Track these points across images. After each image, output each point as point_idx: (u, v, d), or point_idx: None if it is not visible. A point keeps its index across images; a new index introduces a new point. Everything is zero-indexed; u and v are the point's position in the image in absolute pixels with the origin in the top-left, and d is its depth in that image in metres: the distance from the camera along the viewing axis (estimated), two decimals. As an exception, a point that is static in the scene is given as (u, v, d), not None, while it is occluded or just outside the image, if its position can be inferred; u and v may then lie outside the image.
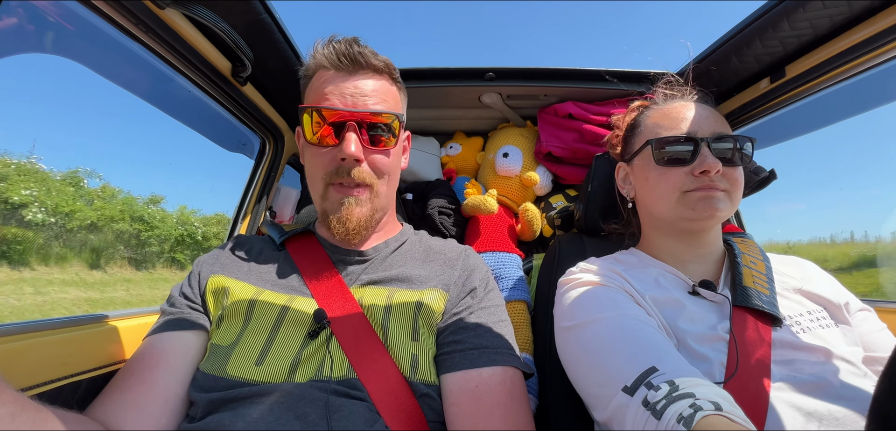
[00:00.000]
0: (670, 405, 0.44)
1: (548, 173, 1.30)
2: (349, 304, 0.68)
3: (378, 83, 0.75)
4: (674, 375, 0.49)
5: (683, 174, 0.69)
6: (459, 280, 0.75)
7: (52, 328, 0.66)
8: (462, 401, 0.62)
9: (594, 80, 1.15)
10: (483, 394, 0.62)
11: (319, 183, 0.74)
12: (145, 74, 0.89)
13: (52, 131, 45.05)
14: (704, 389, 0.46)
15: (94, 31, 0.73)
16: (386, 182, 0.76)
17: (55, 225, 14.16)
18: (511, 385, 0.64)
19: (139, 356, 0.65)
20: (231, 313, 0.67)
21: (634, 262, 0.76)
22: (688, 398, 0.44)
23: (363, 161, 0.72)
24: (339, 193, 0.72)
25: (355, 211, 0.72)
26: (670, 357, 0.53)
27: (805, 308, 0.66)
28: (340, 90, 0.72)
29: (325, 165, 0.72)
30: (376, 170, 0.74)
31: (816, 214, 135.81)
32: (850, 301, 0.69)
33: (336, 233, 0.73)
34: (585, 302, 0.66)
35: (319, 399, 0.58)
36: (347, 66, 0.73)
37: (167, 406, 0.61)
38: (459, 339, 0.67)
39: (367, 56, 0.74)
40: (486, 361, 0.64)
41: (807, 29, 0.78)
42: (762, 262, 0.72)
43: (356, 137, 0.70)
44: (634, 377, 0.51)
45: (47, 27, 0.72)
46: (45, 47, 0.74)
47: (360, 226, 0.73)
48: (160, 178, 56.63)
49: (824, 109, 0.99)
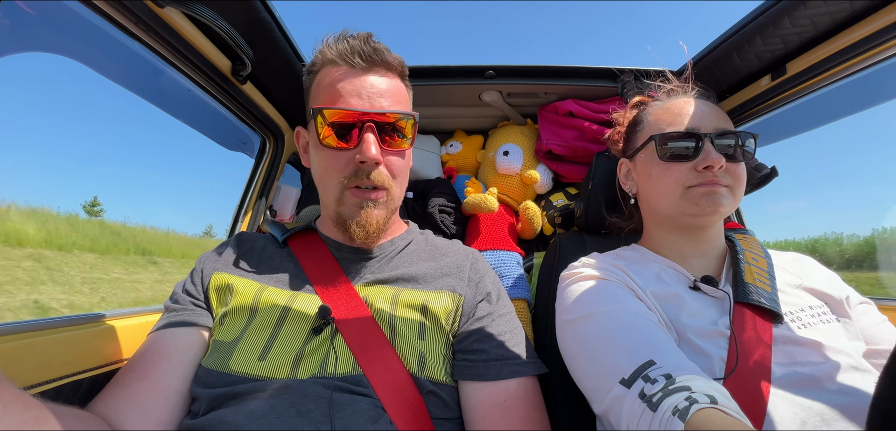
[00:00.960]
0: (666, 397, 0.45)
1: (548, 171, 1.30)
2: (354, 301, 0.68)
3: (392, 82, 0.73)
4: (671, 369, 0.49)
5: (686, 170, 0.69)
6: (471, 284, 0.75)
7: (53, 326, 0.66)
8: (492, 414, 0.64)
9: (594, 77, 1.15)
10: (511, 408, 0.65)
11: (335, 187, 0.71)
12: (145, 72, 0.89)
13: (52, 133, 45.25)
14: (701, 383, 0.46)
15: (94, 29, 0.73)
16: (399, 184, 0.75)
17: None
18: (534, 395, 0.68)
19: (141, 354, 0.65)
20: (234, 309, 0.67)
21: (636, 257, 0.76)
22: (684, 391, 0.44)
23: (382, 163, 0.70)
24: (358, 196, 0.70)
25: (375, 214, 0.71)
26: (669, 352, 0.53)
27: (806, 303, 0.66)
28: (356, 89, 0.69)
29: (341, 167, 0.70)
30: (392, 172, 0.73)
31: (817, 212, 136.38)
32: (851, 295, 0.69)
33: (356, 237, 0.71)
34: (586, 296, 0.66)
35: (323, 395, 0.58)
36: (362, 63, 0.70)
37: (169, 403, 0.61)
38: (484, 348, 0.68)
39: (382, 53, 0.71)
40: (510, 372, 0.67)
41: (808, 26, 0.78)
42: (763, 258, 0.72)
43: (375, 139, 0.68)
44: (632, 370, 0.51)
45: (47, 26, 0.72)
46: (45, 46, 0.74)
47: (379, 229, 0.72)
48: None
49: (825, 106, 0.99)
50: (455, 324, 0.71)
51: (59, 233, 14.66)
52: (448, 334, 0.70)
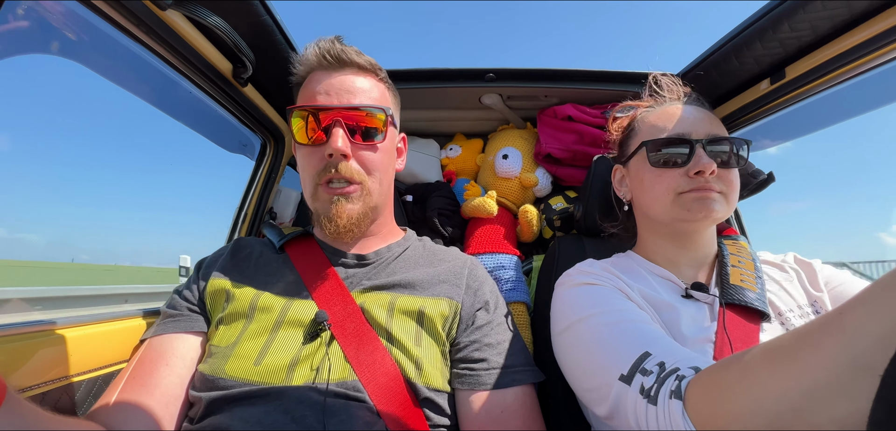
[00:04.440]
0: (661, 386, 0.46)
1: (547, 174, 1.30)
2: (350, 307, 0.68)
3: (364, 80, 0.75)
4: (664, 356, 0.50)
5: (678, 176, 0.69)
6: (470, 292, 0.75)
7: (49, 328, 0.65)
8: (490, 423, 0.64)
9: (594, 81, 1.15)
10: (509, 417, 0.65)
11: (310, 183, 0.73)
12: (146, 75, 0.89)
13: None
14: (685, 358, 0.48)
15: (95, 32, 0.73)
16: (377, 180, 0.75)
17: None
18: (531, 403, 0.69)
19: (139, 359, 0.65)
20: (231, 315, 0.67)
21: (630, 266, 0.76)
22: (673, 373, 0.46)
23: (350, 157, 0.71)
24: (329, 192, 0.71)
25: (346, 208, 0.71)
26: (661, 341, 0.54)
27: (795, 303, 0.67)
28: (325, 87, 0.72)
29: (314, 164, 0.72)
30: (365, 166, 0.73)
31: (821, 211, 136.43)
32: (829, 278, 0.71)
33: (328, 232, 0.73)
34: (579, 301, 0.67)
35: (317, 401, 0.57)
36: (332, 63, 0.74)
37: (167, 409, 0.61)
38: (485, 357, 0.69)
39: (350, 54, 0.74)
40: (509, 381, 0.67)
41: (807, 30, 0.78)
42: (751, 261, 0.72)
43: (343, 133, 0.69)
44: (630, 364, 0.52)
45: (48, 28, 0.72)
46: (46, 49, 0.74)
47: (350, 224, 0.72)
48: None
49: (824, 110, 0.99)
50: (452, 331, 0.71)
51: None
52: (445, 340, 0.70)
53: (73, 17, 0.72)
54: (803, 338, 0.33)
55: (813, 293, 0.70)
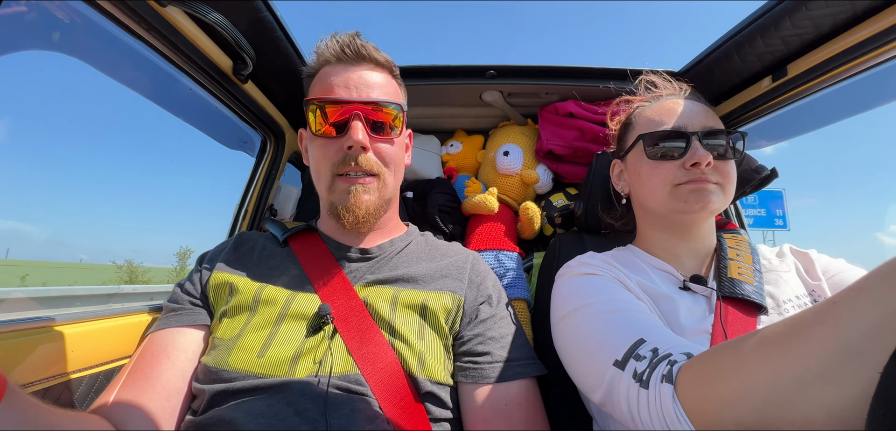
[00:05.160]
0: (653, 371, 0.47)
1: (548, 171, 1.30)
2: (353, 300, 0.68)
3: (381, 76, 0.77)
4: (658, 343, 0.51)
5: (675, 168, 0.70)
6: (472, 286, 0.76)
7: (52, 324, 0.66)
8: (494, 416, 0.65)
9: (595, 78, 1.15)
10: (513, 410, 0.66)
11: (326, 175, 0.74)
12: (147, 71, 0.89)
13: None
14: (679, 345, 0.49)
15: (96, 28, 0.73)
16: (392, 173, 0.77)
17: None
18: (534, 397, 0.70)
19: (140, 353, 0.65)
20: (234, 308, 0.68)
21: (629, 259, 0.77)
22: (666, 358, 0.47)
23: (369, 149, 0.72)
24: (347, 182, 0.72)
25: (364, 198, 0.72)
26: (657, 329, 0.55)
27: (793, 294, 0.68)
28: (345, 81, 0.73)
29: (331, 155, 0.72)
30: (382, 159, 0.75)
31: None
32: (826, 267, 0.71)
33: (346, 223, 0.73)
34: (578, 289, 0.67)
35: (319, 394, 0.58)
36: (351, 57, 0.75)
37: (170, 402, 0.61)
38: (489, 351, 0.69)
39: (369, 49, 0.75)
40: (512, 374, 0.68)
41: (809, 27, 0.78)
42: (749, 254, 0.73)
43: (362, 126, 0.70)
44: (624, 350, 0.52)
45: (49, 24, 0.72)
46: (47, 45, 0.74)
47: (368, 214, 0.73)
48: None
49: (826, 107, 0.99)
50: (455, 325, 0.71)
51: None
52: (448, 334, 0.70)
53: (73, 14, 0.72)
54: (797, 326, 0.34)
55: (811, 283, 0.70)
